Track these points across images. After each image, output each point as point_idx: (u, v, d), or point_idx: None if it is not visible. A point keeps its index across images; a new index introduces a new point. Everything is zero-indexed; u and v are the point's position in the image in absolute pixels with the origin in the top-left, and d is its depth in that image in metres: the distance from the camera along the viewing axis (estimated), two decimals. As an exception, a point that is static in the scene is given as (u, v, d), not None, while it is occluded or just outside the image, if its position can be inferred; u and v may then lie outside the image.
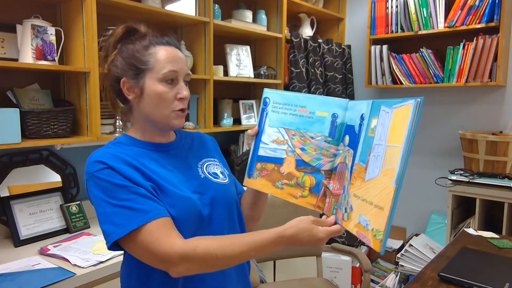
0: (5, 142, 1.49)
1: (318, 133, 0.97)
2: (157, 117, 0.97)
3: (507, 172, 2.38)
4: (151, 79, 0.96)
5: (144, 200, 0.87)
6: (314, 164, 0.97)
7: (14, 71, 1.71)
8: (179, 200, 0.93)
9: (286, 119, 1.01)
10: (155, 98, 0.95)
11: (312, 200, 0.97)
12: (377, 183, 0.79)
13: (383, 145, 0.80)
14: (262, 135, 1.03)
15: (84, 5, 1.69)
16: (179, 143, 1.08)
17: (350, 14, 3.34)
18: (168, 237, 0.84)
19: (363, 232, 0.80)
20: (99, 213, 0.89)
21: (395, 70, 2.87)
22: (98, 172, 0.89)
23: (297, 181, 0.98)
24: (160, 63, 0.96)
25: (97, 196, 0.89)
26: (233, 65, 2.50)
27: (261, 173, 1.03)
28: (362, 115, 0.88)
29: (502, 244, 1.64)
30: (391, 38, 2.93)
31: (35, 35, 1.58)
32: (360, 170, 0.85)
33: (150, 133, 1.02)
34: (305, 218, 0.87)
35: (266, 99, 1.04)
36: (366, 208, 0.80)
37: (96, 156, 0.92)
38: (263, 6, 2.74)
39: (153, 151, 1.00)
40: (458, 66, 2.61)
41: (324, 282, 2.10)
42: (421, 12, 2.73)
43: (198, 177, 1.03)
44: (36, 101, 1.73)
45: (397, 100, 0.79)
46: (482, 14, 2.50)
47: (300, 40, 2.78)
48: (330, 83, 3.02)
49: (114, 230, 0.86)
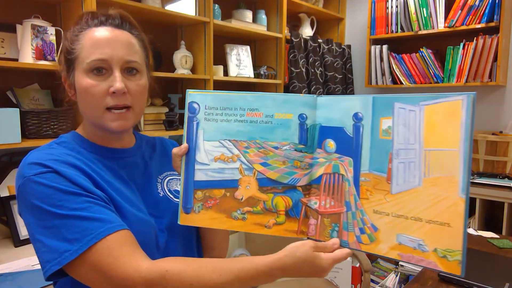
0: (5, 142, 1.49)
1: (284, 141, 0.79)
2: (91, 117, 0.79)
3: (507, 172, 2.39)
4: (79, 71, 0.77)
5: (100, 209, 0.70)
6: (286, 181, 0.78)
7: (14, 71, 1.71)
8: (135, 222, 0.75)
9: (230, 128, 0.79)
10: (83, 94, 0.77)
11: (292, 226, 0.78)
12: (421, 195, 0.68)
13: (416, 150, 0.69)
14: (196, 153, 0.80)
15: (84, 5, 1.69)
16: (138, 150, 0.89)
17: (350, 14, 3.34)
18: (131, 257, 0.66)
19: (417, 254, 0.67)
20: (41, 227, 0.68)
21: (395, 70, 2.87)
22: (38, 176, 0.69)
23: (266, 205, 0.78)
24: (86, 49, 0.76)
25: (37, 206, 0.68)
26: (233, 65, 2.50)
27: (205, 204, 0.80)
28: (356, 114, 0.75)
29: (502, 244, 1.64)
30: (391, 38, 2.93)
31: (35, 35, 1.58)
32: (378, 181, 0.72)
33: (99, 136, 0.83)
34: (302, 245, 0.69)
35: (193, 104, 0.80)
36: (408, 225, 0.69)
37: (35, 157, 0.72)
38: (263, 6, 2.74)
39: (106, 157, 0.82)
40: (458, 66, 2.61)
41: (324, 282, 2.10)
42: (421, 12, 2.73)
43: (156, 195, 0.86)
44: (36, 101, 1.73)
45: (422, 96, 0.69)
46: (482, 14, 2.50)
47: (300, 40, 2.78)
48: (330, 83, 3.02)
49: (68, 247, 0.66)
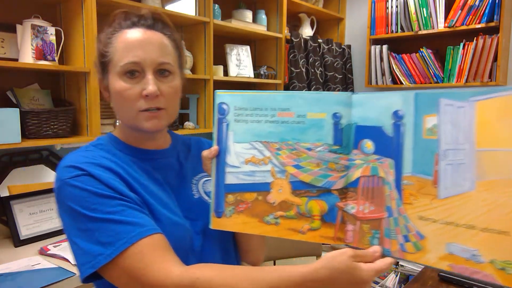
0: (5, 142, 1.49)
1: (317, 142, 0.75)
2: (125, 119, 0.80)
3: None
4: (112, 74, 0.77)
5: (134, 213, 0.70)
6: (320, 184, 0.74)
7: (14, 71, 1.71)
8: (169, 226, 0.75)
9: (261, 129, 0.76)
10: (117, 97, 0.77)
11: (328, 232, 0.74)
12: (474, 200, 0.63)
13: (466, 150, 0.64)
14: (226, 156, 0.77)
15: (84, 5, 1.69)
16: (173, 150, 0.89)
17: (350, 14, 3.34)
18: (163, 262, 0.67)
19: (472, 266, 0.62)
20: (77, 229, 0.70)
21: (395, 70, 2.87)
22: (73, 179, 0.71)
23: (299, 210, 0.75)
24: (119, 52, 0.76)
25: (72, 208, 0.70)
26: (233, 65, 2.50)
27: (237, 208, 0.77)
28: (396, 112, 0.69)
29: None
30: (391, 38, 2.93)
31: (35, 35, 1.58)
32: (423, 185, 0.67)
33: (133, 137, 0.83)
34: (340, 254, 0.64)
35: (222, 105, 0.77)
36: (460, 233, 0.63)
37: (71, 160, 0.75)
38: (263, 6, 2.74)
39: (140, 159, 0.82)
40: (458, 66, 2.61)
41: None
42: (421, 12, 2.73)
43: (191, 197, 0.85)
44: (36, 101, 1.73)
45: (473, 91, 0.63)
46: (482, 14, 2.50)
47: (300, 40, 2.78)
48: (330, 83, 3.03)
49: (102, 251, 0.67)
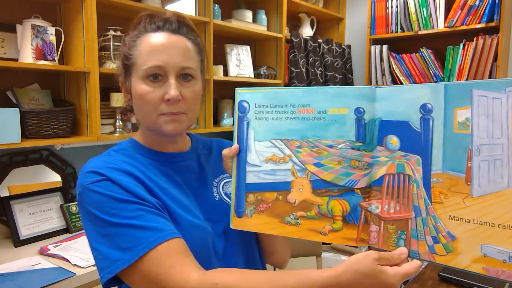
0: (5, 142, 1.49)
1: (339, 139, 0.71)
2: (146, 122, 0.81)
3: None
4: (135, 76, 0.78)
5: (153, 217, 0.71)
6: (342, 183, 0.70)
7: (14, 71, 1.71)
8: (190, 229, 0.75)
9: (281, 126, 0.74)
10: (139, 100, 0.78)
11: (350, 234, 0.70)
12: (511, 199, 0.60)
13: (504, 145, 0.61)
14: (247, 154, 0.77)
15: (84, 5, 1.69)
16: (193, 153, 0.88)
17: (350, 14, 3.34)
18: (182, 267, 0.67)
19: (509, 269, 0.59)
20: (97, 234, 0.72)
21: (395, 70, 2.87)
22: (94, 184, 0.72)
23: (320, 210, 0.72)
24: (143, 56, 0.77)
25: (93, 214, 0.72)
26: (233, 65, 2.50)
27: (258, 208, 0.76)
28: (424, 106, 0.65)
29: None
30: (391, 38, 2.92)
31: (35, 35, 1.58)
32: (454, 183, 0.64)
33: (153, 140, 0.84)
34: (364, 257, 0.61)
35: (243, 103, 0.76)
36: (496, 234, 0.60)
37: (92, 165, 0.76)
38: (263, 6, 2.74)
39: (160, 162, 0.82)
40: (458, 66, 2.61)
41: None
42: (421, 12, 2.73)
43: (212, 199, 0.85)
44: (36, 101, 1.73)
45: (509, 80, 0.60)
46: (482, 14, 2.50)
47: (300, 40, 2.78)
48: (330, 83, 3.02)
49: (120, 256, 0.68)
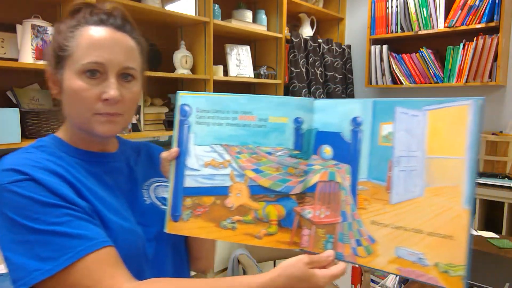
0: (5, 142, 1.49)
1: (278, 147, 0.74)
2: (77, 120, 0.74)
3: (507, 172, 2.38)
4: (69, 70, 0.71)
5: (82, 224, 0.64)
6: (279, 189, 0.73)
7: (14, 71, 1.71)
8: (121, 233, 0.70)
9: (222, 132, 0.75)
10: (72, 96, 0.71)
11: (284, 237, 0.73)
12: (423, 206, 0.65)
13: (418, 158, 0.66)
14: (186, 158, 0.76)
15: (84, 5, 1.69)
16: (122, 154, 0.84)
17: (350, 14, 3.34)
18: (113, 278, 0.62)
19: (417, 269, 0.65)
20: (11, 242, 0.62)
21: (395, 70, 2.87)
22: (13, 184, 0.63)
23: (257, 215, 0.74)
24: (81, 49, 0.70)
25: (9, 218, 0.62)
26: (233, 65, 2.50)
27: (194, 212, 0.75)
28: (355, 119, 0.71)
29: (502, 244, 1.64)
30: (391, 38, 2.93)
31: (35, 35, 1.58)
32: (377, 191, 0.69)
33: (80, 139, 0.77)
34: (297, 261, 0.63)
35: (184, 107, 0.76)
36: (408, 237, 0.65)
37: (11, 162, 0.66)
38: (263, 6, 2.74)
39: (88, 162, 0.76)
40: (458, 66, 2.61)
41: (324, 282, 2.09)
42: (421, 12, 2.73)
43: (142, 203, 0.81)
44: (36, 101, 1.73)
45: (426, 101, 0.65)
46: (482, 14, 2.50)
47: (300, 40, 2.78)
48: (330, 83, 3.03)
49: (39, 266, 0.60)
